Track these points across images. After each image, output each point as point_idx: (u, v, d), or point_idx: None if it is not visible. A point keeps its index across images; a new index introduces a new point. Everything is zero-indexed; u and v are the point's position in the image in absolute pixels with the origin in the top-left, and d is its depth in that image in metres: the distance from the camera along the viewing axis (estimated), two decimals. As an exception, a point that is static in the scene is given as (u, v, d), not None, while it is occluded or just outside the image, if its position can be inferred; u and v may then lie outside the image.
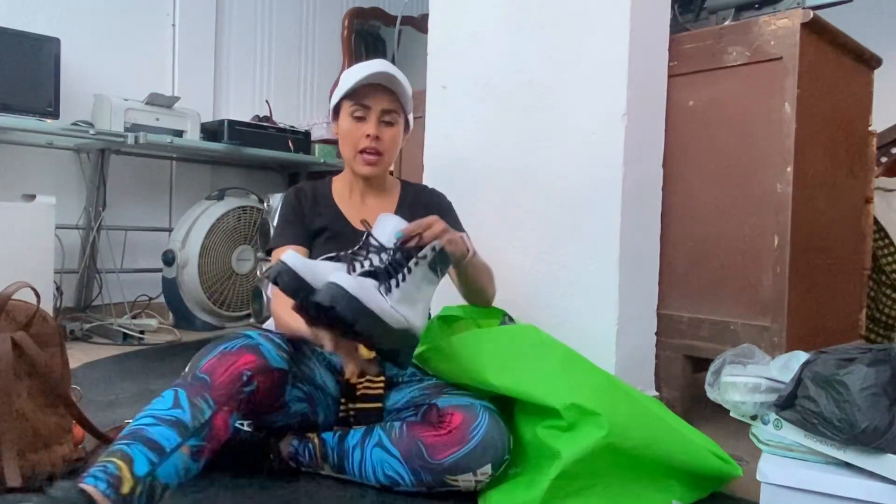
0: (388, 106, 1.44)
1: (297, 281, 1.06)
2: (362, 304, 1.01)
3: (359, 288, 1.02)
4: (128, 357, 2.42)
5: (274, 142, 3.21)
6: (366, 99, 1.43)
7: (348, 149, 1.46)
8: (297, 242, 1.43)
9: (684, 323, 1.75)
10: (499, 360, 1.22)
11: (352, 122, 1.44)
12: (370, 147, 1.43)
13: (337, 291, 1.01)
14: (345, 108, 1.45)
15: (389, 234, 1.17)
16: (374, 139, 1.43)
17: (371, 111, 1.44)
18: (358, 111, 1.44)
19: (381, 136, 1.44)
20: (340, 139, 1.48)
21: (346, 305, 1.00)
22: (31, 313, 1.22)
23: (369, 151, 1.44)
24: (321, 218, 1.47)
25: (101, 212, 2.90)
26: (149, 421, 1.01)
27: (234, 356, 1.12)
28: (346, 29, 4.07)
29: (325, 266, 1.10)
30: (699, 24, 1.99)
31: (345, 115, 1.46)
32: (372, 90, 1.42)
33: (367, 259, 1.13)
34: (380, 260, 1.13)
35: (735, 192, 1.69)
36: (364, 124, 1.44)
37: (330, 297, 1.00)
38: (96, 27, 3.06)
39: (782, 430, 1.13)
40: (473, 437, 1.15)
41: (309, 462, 1.29)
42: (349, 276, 1.05)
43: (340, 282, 1.02)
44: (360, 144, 1.44)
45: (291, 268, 1.06)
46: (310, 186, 1.54)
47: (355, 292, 1.01)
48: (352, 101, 1.44)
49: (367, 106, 1.43)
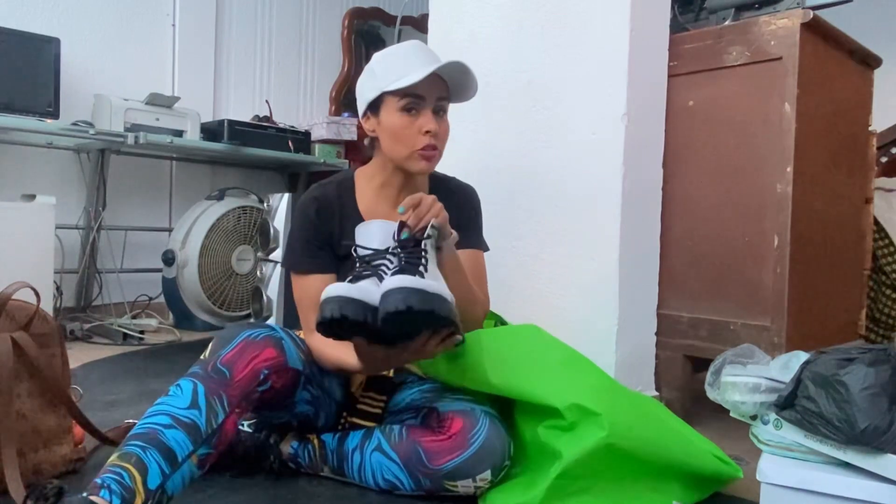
0: (442, 93, 1.28)
1: (360, 306, 1.03)
2: (427, 291, 1.00)
3: (414, 281, 1.01)
4: (128, 357, 2.42)
5: (274, 142, 3.21)
6: (420, 89, 1.25)
7: (401, 147, 1.27)
8: (325, 270, 1.30)
9: (684, 323, 1.75)
10: (500, 360, 1.22)
11: (403, 118, 1.26)
12: (430, 144, 1.27)
13: (403, 293, 0.99)
14: (391, 102, 1.27)
15: (382, 238, 1.15)
16: (434, 135, 1.27)
17: (425, 102, 1.26)
18: (411, 104, 1.26)
19: (439, 130, 1.28)
20: (388, 138, 1.29)
21: (419, 299, 0.99)
22: (31, 313, 1.22)
23: (429, 148, 1.27)
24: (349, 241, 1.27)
25: (101, 212, 2.90)
26: (165, 421, 1.01)
27: (257, 348, 1.12)
28: (346, 29, 4.07)
29: (362, 284, 1.08)
30: (699, 24, 1.99)
31: (391, 109, 1.27)
32: (426, 79, 1.23)
33: (383, 265, 1.12)
34: (391, 262, 1.12)
35: (735, 192, 1.69)
36: (419, 118, 1.26)
37: (402, 301, 0.99)
38: (96, 27, 3.06)
39: (782, 430, 1.13)
40: (473, 443, 1.15)
41: (308, 464, 1.29)
42: (397, 278, 1.03)
43: (398, 285, 1.00)
44: (419, 143, 1.26)
45: (348, 296, 1.03)
46: (332, 197, 1.34)
47: (416, 286, 1.00)
48: (402, 94, 1.25)
49: (422, 97, 1.26)
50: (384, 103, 1.28)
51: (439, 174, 1.46)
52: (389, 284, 1.01)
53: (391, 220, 1.17)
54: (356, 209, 1.34)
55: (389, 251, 1.13)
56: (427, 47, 1.32)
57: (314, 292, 1.26)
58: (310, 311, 1.28)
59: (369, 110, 1.31)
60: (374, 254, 1.14)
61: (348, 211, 1.34)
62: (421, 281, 1.02)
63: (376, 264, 1.13)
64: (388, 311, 0.99)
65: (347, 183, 1.37)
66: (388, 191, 1.35)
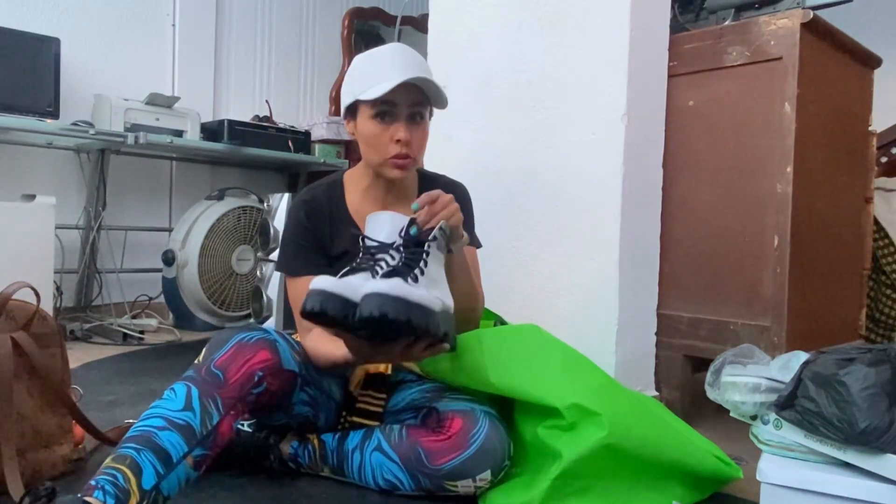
0: (417, 99, 1.26)
1: (342, 302, 1.03)
2: (407, 300, 1.00)
3: (395, 287, 1.00)
4: (128, 357, 2.42)
5: (274, 142, 3.21)
6: (392, 96, 1.22)
7: (375, 155, 1.28)
8: (318, 272, 1.26)
9: (684, 323, 1.75)
10: (500, 360, 1.22)
11: (376, 125, 1.25)
12: (401, 153, 1.26)
13: (379, 299, 0.99)
14: (365, 109, 1.26)
15: (389, 231, 1.15)
16: (406, 144, 1.25)
17: (399, 109, 1.25)
18: (383, 112, 1.25)
19: (412, 138, 1.26)
20: (363, 144, 1.29)
21: (395, 308, 0.98)
22: (31, 313, 1.22)
23: (401, 157, 1.26)
24: (341, 241, 1.32)
25: (101, 212, 2.90)
26: (159, 423, 1.01)
27: (251, 350, 1.12)
28: (346, 29, 4.07)
29: (353, 279, 1.08)
30: (699, 24, 1.99)
31: (365, 116, 1.26)
32: (399, 87, 1.21)
33: (383, 260, 1.12)
34: (392, 258, 1.12)
35: (735, 192, 1.69)
36: (391, 126, 1.25)
37: (377, 307, 0.98)
38: (96, 27, 3.06)
39: (782, 430, 1.13)
40: (473, 443, 1.15)
41: (308, 464, 1.29)
42: (381, 281, 1.03)
43: (377, 289, 1.00)
44: (390, 151, 1.25)
45: (332, 291, 1.04)
46: (322, 200, 1.34)
47: (396, 293, 1.00)
48: (373, 102, 1.24)
49: (394, 104, 1.24)
50: (359, 110, 1.28)
51: (429, 173, 1.47)
52: (372, 287, 1.01)
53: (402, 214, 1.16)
54: (346, 211, 1.35)
55: (393, 246, 1.13)
56: (407, 52, 1.28)
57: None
58: None
59: (348, 114, 1.32)
60: (379, 246, 1.14)
61: (338, 213, 1.35)
62: (405, 288, 1.01)
63: (378, 258, 1.13)
64: (362, 315, 1.00)
65: (337, 185, 1.38)
66: (374, 192, 1.36)
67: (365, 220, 1.27)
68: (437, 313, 1.04)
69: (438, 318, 1.05)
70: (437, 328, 1.05)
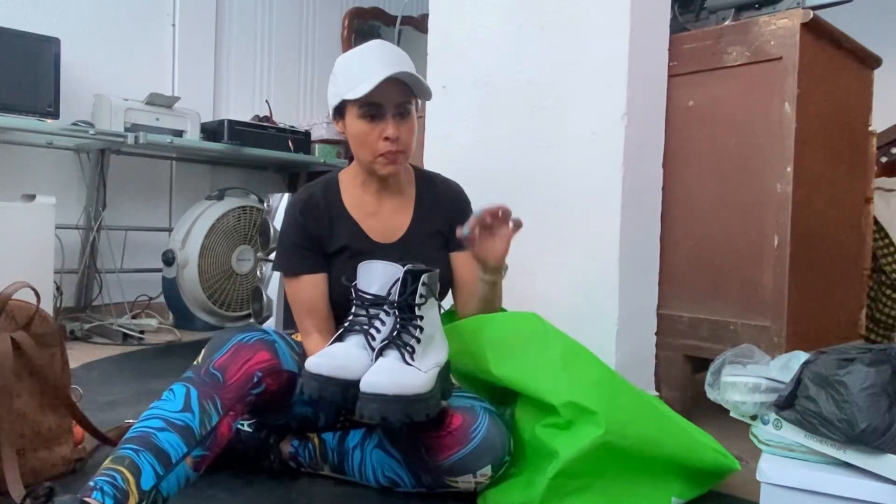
0: (402, 94, 1.27)
1: (341, 386, 1.04)
2: (405, 397, 1.01)
3: (394, 381, 1.01)
4: (128, 357, 2.42)
5: (274, 142, 3.21)
6: (376, 96, 1.24)
7: (365, 153, 1.29)
8: (315, 270, 1.30)
9: (684, 323, 1.75)
10: (500, 349, 1.22)
11: (364, 125, 1.26)
12: (392, 149, 1.28)
13: (378, 403, 1.00)
14: (352, 109, 1.27)
15: (382, 283, 1.13)
16: (395, 140, 1.27)
17: (385, 108, 1.26)
18: (369, 111, 1.26)
19: (400, 134, 1.27)
20: (353, 143, 1.30)
21: (394, 411, 1.00)
22: (31, 313, 1.22)
23: (391, 153, 1.28)
24: (339, 237, 1.32)
25: (101, 212, 2.90)
26: (158, 424, 1.01)
27: (250, 351, 1.12)
28: (346, 29, 4.07)
29: (348, 352, 1.08)
30: (699, 24, 1.99)
31: (353, 116, 1.27)
32: (383, 85, 1.22)
33: (375, 324, 1.11)
34: (386, 314, 1.11)
35: (735, 192, 1.69)
36: (379, 124, 1.26)
37: (378, 413, 0.99)
38: (96, 27, 3.06)
39: (782, 430, 1.13)
40: (473, 439, 1.15)
41: (309, 462, 1.29)
42: (378, 370, 1.03)
43: (375, 387, 1.00)
44: (380, 148, 1.27)
45: (329, 376, 1.04)
46: (318, 198, 1.35)
47: (394, 391, 1.00)
48: (360, 102, 1.25)
49: (380, 103, 1.26)
50: (346, 109, 1.29)
51: (426, 172, 1.47)
52: (369, 382, 1.01)
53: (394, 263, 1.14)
54: (343, 208, 1.36)
55: (387, 300, 1.12)
56: (389, 48, 1.29)
57: (306, 295, 1.30)
58: (303, 314, 1.30)
59: (336, 114, 1.33)
60: (373, 299, 1.13)
61: (335, 210, 1.35)
62: (402, 378, 1.02)
63: (372, 314, 1.13)
64: (362, 416, 1.01)
65: (333, 183, 1.38)
66: (369, 188, 1.37)
67: (361, 214, 1.35)
68: (435, 393, 1.07)
69: (437, 396, 1.08)
70: (436, 408, 1.07)
